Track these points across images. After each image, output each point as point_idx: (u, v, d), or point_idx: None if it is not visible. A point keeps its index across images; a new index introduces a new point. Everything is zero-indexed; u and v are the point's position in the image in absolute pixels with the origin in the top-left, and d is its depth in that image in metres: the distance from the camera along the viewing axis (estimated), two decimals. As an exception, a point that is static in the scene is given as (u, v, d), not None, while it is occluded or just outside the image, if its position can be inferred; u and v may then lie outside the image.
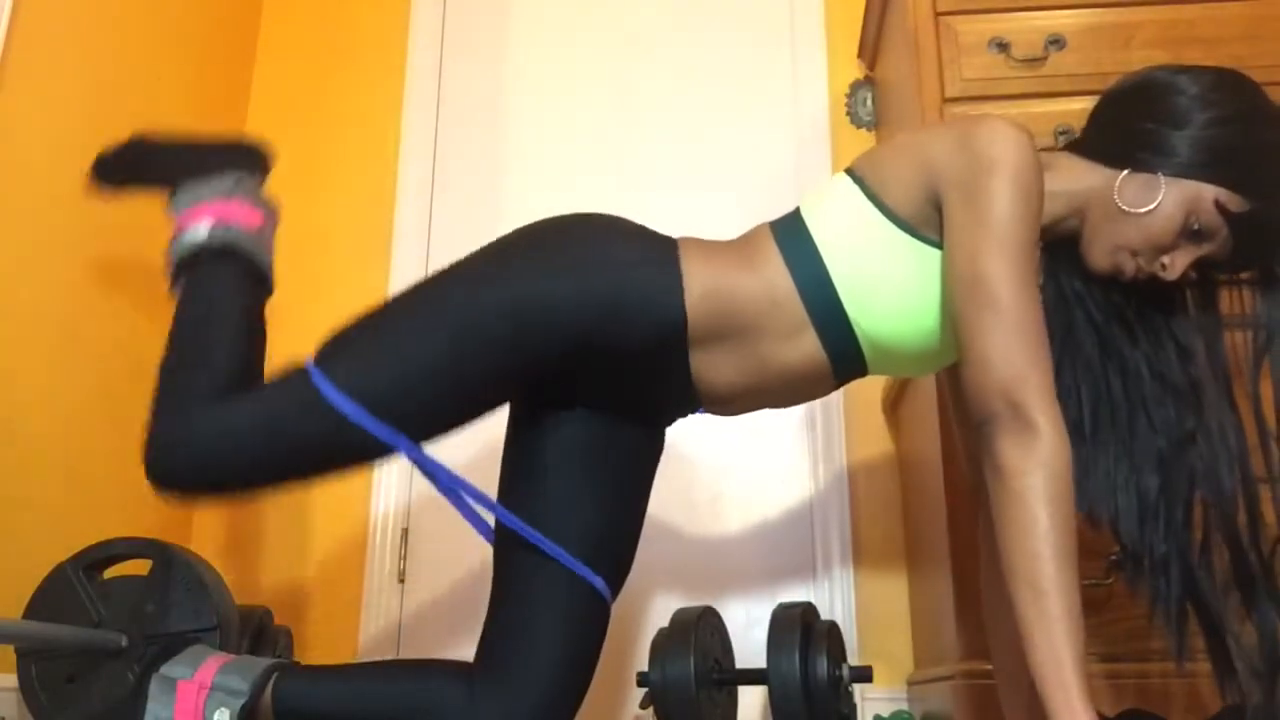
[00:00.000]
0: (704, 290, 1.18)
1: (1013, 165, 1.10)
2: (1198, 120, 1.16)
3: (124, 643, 1.47)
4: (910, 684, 2.04)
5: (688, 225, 1.29)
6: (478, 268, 1.20)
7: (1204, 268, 1.21)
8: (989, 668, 1.41)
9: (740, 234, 1.28)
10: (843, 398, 2.28)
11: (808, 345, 1.20)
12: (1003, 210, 1.09)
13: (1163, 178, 1.16)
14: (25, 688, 1.48)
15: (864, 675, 1.65)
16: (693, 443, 2.27)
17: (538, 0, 2.64)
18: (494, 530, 1.29)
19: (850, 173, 1.23)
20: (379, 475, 2.31)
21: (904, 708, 2.03)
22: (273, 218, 1.37)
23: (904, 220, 1.16)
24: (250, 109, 2.62)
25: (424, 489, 2.31)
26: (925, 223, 1.16)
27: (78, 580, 1.51)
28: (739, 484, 2.27)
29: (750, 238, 1.25)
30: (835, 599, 2.15)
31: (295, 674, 1.26)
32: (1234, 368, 1.22)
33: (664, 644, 1.57)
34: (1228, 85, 1.18)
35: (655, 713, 1.56)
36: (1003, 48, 1.75)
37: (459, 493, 1.24)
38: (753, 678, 1.67)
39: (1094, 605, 1.45)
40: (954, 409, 1.44)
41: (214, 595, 1.50)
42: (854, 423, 2.27)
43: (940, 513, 1.64)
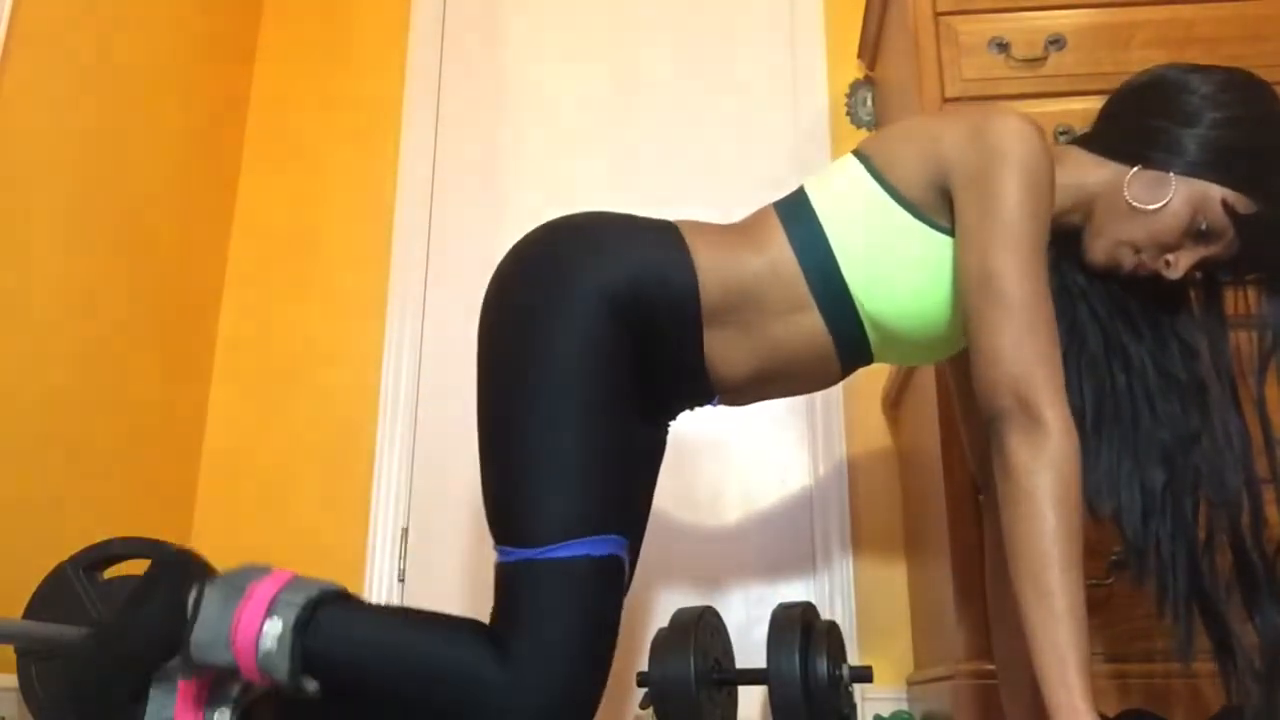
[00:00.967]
0: (712, 269, 1.19)
1: (1025, 160, 1.09)
2: (1207, 120, 1.16)
3: (124, 643, 1.47)
4: (910, 684, 2.04)
5: (688, 225, 1.30)
6: (523, 345, 1.15)
7: (1208, 269, 1.21)
8: (990, 667, 1.41)
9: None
10: (843, 394, 2.28)
11: (811, 324, 1.20)
12: (1014, 206, 1.08)
13: (1174, 176, 1.16)
14: (25, 688, 1.48)
15: (864, 675, 1.65)
16: (694, 441, 2.27)
17: (537, 1, 2.65)
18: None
19: (858, 153, 1.22)
20: (379, 475, 2.31)
21: (904, 708, 2.03)
22: (272, 574, 1.23)
23: (911, 203, 1.16)
24: (250, 109, 2.62)
25: (424, 489, 2.31)
26: (932, 207, 1.16)
27: (78, 580, 1.51)
28: (739, 482, 2.27)
29: (754, 218, 1.26)
30: (835, 598, 2.15)
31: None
32: (1238, 369, 1.22)
33: (664, 644, 1.57)
34: (1238, 87, 1.18)
35: (655, 713, 1.56)
36: (1003, 48, 1.75)
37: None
38: (753, 678, 1.66)
39: (1094, 605, 1.45)
40: (959, 404, 1.44)
41: (214, 595, 1.50)
42: (854, 420, 2.27)
43: (941, 511, 1.64)
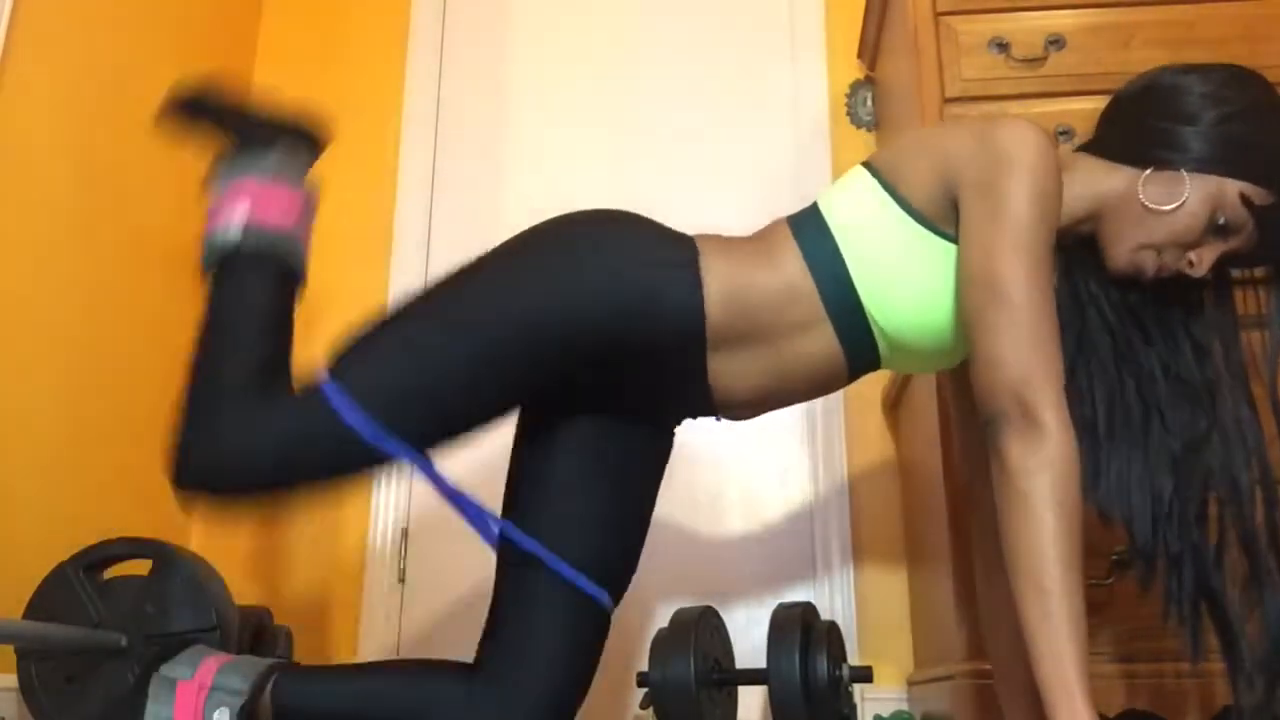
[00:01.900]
0: (722, 291, 1.18)
1: (1031, 166, 1.10)
2: (1207, 116, 1.16)
3: (124, 643, 1.46)
4: (910, 684, 2.04)
5: (688, 225, 1.28)
6: (493, 276, 1.18)
7: (1223, 265, 1.20)
8: (989, 667, 1.41)
9: (754, 230, 1.28)
10: (843, 398, 2.27)
11: (823, 339, 1.19)
12: (1019, 210, 1.08)
13: (1185, 174, 1.16)
14: (25, 688, 1.48)
15: (864, 675, 1.65)
16: (693, 443, 2.27)
17: (537, 1, 2.64)
18: (498, 537, 1.29)
19: (868, 166, 1.22)
20: (379, 475, 2.31)
21: (904, 708, 2.03)
22: (312, 202, 1.31)
23: (922, 215, 1.16)
24: (250, 109, 2.61)
25: (424, 489, 2.30)
26: (943, 218, 1.16)
27: (77, 580, 1.51)
28: (739, 484, 2.27)
29: (768, 233, 1.25)
30: (835, 599, 2.15)
31: (295, 674, 1.26)
32: (1251, 367, 1.22)
33: (664, 644, 1.57)
34: (1235, 81, 1.18)
35: (655, 713, 1.56)
36: (1003, 48, 1.74)
37: (466, 503, 1.23)
38: (753, 678, 1.66)
39: (1097, 604, 1.45)
40: (956, 406, 1.44)
41: (214, 595, 1.50)
42: (854, 422, 2.27)
43: (941, 511, 1.64)
